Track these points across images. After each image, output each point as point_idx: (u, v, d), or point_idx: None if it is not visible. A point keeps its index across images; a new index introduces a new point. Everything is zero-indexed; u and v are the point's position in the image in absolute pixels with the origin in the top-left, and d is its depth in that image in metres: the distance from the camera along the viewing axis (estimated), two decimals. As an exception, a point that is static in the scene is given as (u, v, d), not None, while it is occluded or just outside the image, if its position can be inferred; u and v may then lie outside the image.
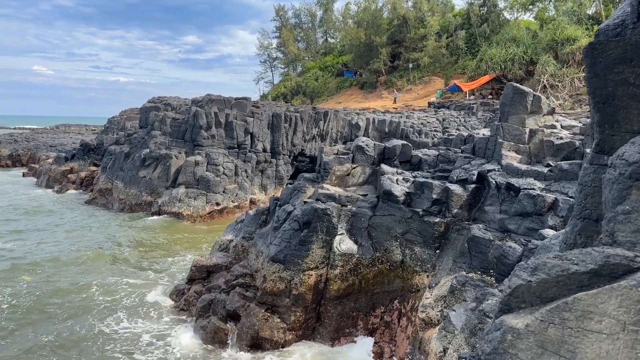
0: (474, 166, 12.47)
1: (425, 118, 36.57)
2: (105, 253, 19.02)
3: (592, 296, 2.49)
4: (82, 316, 13.00)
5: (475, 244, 10.27)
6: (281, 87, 69.26)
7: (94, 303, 13.95)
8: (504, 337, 2.66)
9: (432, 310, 10.06)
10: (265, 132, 29.89)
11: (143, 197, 26.51)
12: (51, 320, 12.73)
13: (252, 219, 15.54)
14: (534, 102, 12.94)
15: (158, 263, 18.00)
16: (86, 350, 11.22)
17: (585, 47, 4.05)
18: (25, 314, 13.09)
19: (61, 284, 15.32)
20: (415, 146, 23.61)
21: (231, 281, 12.79)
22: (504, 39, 45.29)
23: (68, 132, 72.06)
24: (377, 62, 55.16)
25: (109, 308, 13.61)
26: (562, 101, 35.65)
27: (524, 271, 2.83)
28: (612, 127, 3.77)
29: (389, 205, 12.47)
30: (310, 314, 11.75)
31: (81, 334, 11.95)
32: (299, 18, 76.78)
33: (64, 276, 16.05)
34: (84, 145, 38.58)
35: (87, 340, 11.69)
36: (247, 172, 28.47)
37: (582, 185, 3.85)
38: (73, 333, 12.02)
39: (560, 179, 10.54)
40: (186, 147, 27.78)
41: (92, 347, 11.37)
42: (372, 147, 14.83)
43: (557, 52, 40.61)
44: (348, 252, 11.98)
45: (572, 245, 3.76)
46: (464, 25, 54.45)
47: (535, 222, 9.86)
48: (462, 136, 15.04)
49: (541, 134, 12.40)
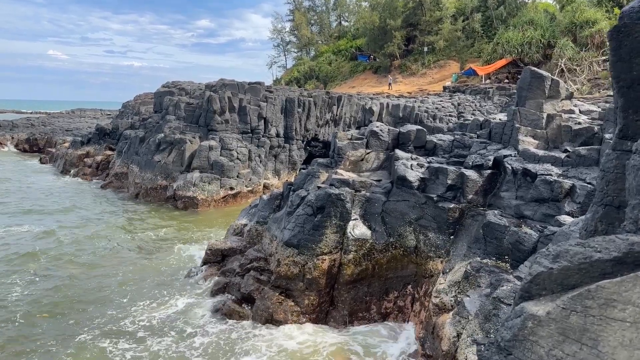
0: (490, 151, 12.33)
1: (440, 103, 36.15)
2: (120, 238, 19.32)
3: (615, 284, 2.46)
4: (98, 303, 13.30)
5: (491, 230, 10.20)
6: (294, 71, 68.88)
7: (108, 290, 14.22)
8: (525, 324, 2.65)
9: (445, 296, 10.07)
10: (278, 117, 29.84)
11: (158, 181, 26.75)
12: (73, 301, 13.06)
13: (266, 204, 15.62)
14: (552, 87, 12.71)
15: (170, 248, 18.24)
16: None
17: (609, 30, 3.94)
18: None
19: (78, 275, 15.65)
20: (430, 131, 23.38)
21: (246, 265, 12.93)
22: (521, 22, 44.38)
23: (83, 117, 72.76)
24: (391, 46, 54.47)
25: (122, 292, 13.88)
26: (580, 85, 34.94)
27: (545, 258, 2.80)
28: (636, 112, 3.68)
29: (403, 191, 12.43)
30: (323, 298, 11.84)
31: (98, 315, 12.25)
32: (312, 1, 76.03)
33: (79, 269, 16.29)
34: (99, 129, 38.93)
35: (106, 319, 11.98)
36: (261, 157, 28.53)
37: (604, 172, 3.79)
38: (95, 317, 12.32)
39: (578, 164, 10.39)
40: (200, 131, 27.89)
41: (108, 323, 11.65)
42: (386, 132, 14.73)
43: (575, 35, 39.69)
44: (362, 237, 12.00)
45: (592, 233, 3.71)
46: (480, 7, 53.38)
47: (552, 208, 9.75)
48: (478, 121, 14.86)
49: (559, 119, 12.20)
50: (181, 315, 12.19)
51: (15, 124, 58.04)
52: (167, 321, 11.92)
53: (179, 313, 12.34)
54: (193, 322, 11.84)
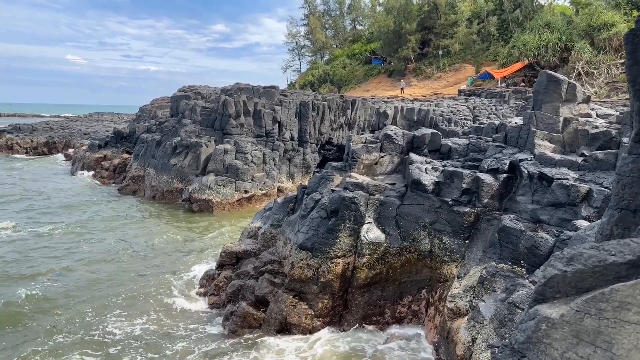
0: (506, 155, 12.25)
1: (455, 106, 35.96)
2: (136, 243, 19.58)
3: (630, 287, 2.45)
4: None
5: (506, 234, 10.12)
6: (309, 75, 69.14)
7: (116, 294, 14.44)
8: (538, 326, 2.65)
9: (460, 301, 10.01)
10: (292, 120, 29.98)
11: (174, 185, 27.07)
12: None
13: (280, 207, 15.70)
14: (569, 90, 12.59)
15: (185, 250, 18.43)
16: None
17: (625, 33, 3.93)
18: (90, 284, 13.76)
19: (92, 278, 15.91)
20: (445, 135, 23.29)
21: (260, 267, 13.00)
22: (538, 25, 43.93)
23: (101, 120, 73.99)
24: (405, 50, 54.37)
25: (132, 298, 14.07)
26: (597, 89, 34.47)
27: (559, 261, 2.80)
28: (653, 116, 3.67)
29: (418, 195, 12.40)
30: (337, 302, 11.86)
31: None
32: (327, 5, 76.33)
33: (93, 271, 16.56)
34: (116, 133, 39.54)
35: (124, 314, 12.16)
36: (275, 160, 28.69)
37: (620, 175, 3.77)
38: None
39: (595, 169, 10.27)
40: (215, 135, 28.16)
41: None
42: (400, 135, 14.72)
43: (593, 38, 39.17)
44: (376, 240, 11.99)
45: (608, 236, 3.69)
46: (496, 11, 53.04)
47: (569, 212, 9.65)
48: (493, 125, 14.77)
49: (576, 122, 12.07)
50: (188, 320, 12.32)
51: (35, 127, 59.23)
52: (175, 327, 12.06)
53: (187, 317, 12.48)
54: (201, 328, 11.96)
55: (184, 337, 11.45)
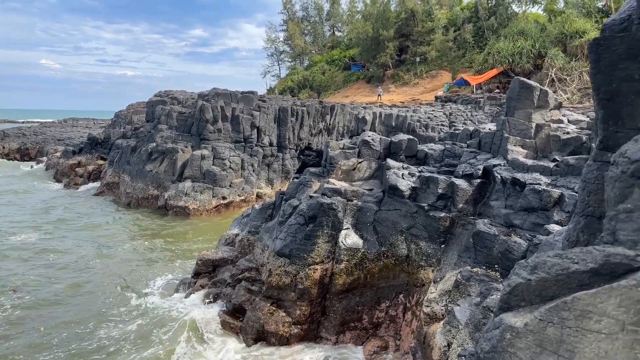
0: (480, 161, 12.40)
1: (432, 112, 36.40)
2: (113, 249, 19.19)
3: (591, 295, 2.48)
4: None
5: (480, 238, 10.23)
6: (288, 80, 69.16)
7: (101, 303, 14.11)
8: (503, 335, 2.66)
9: (436, 305, 10.07)
10: (271, 126, 29.90)
11: (150, 191, 26.66)
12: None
13: (257, 213, 15.59)
14: (541, 97, 12.83)
15: (165, 258, 18.14)
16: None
17: (589, 43, 4.01)
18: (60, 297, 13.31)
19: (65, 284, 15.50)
20: (422, 140, 23.52)
21: (237, 275, 12.88)
22: (512, 32, 44.90)
23: (76, 126, 72.53)
24: (384, 56, 54.88)
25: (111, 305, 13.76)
26: (570, 95, 35.34)
27: (523, 269, 2.82)
28: (616, 124, 3.74)
29: (395, 200, 12.46)
30: (315, 308, 11.80)
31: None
32: (306, 11, 76.51)
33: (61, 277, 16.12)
34: (91, 139, 38.82)
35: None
36: (254, 166, 28.54)
37: (585, 182, 3.83)
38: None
39: (567, 174, 10.46)
40: (192, 141, 27.87)
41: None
42: (378, 141, 14.79)
43: (565, 45, 40.22)
44: (354, 246, 11.99)
45: (574, 243, 3.74)
46: (471, 18, 54.01)
47: (541, 217, 9.81)
48: (468, 131, 14.97)
49: (548, 128, 12.31)
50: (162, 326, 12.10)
51: (7, 133, 57.73)
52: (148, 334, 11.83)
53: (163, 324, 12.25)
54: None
55: (156, 343, 11.23)
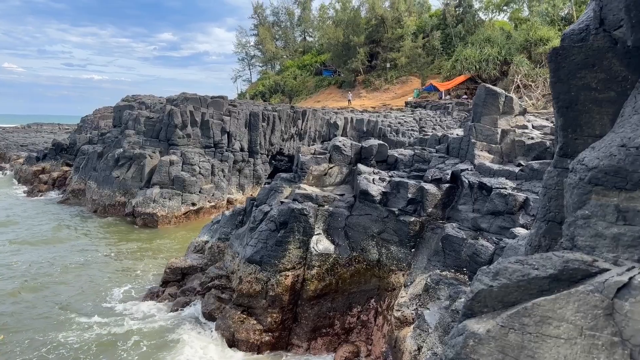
0: (448, 166, 12.61)
1: (402, 117, 36.86)
2: (79, 258, 18.61)
3: (550, 301, 2.53)
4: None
5: (449, 242, 10.39)
6: (259, 85, 68.92)
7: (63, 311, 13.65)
8: (466, 342, 2.69)
9: (407, 309, 10.14)
10: (242, 131, 29.67)
11: (116, 198, 26.02)
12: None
13: (228, 220, 15.42)
14: (506, 103, 13.16)
15: (131, 267, 17.70)
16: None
17: (549, 52, 4.12)
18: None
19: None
20: (393, 145, 23.77)
21: (206, 283, 12.68)
22: (479, 40, 45.99)
23: (40, 131, 70.19)
24: (355, 62, 55.35)
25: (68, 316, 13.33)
26: (535, 101, 36.36)
27: (485, 276, 2.86)
28: (574, 131, 3.85)
29: (366, 205, 12.52)
30: (286, 315, 11.71)
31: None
32: (277, 16, 76.55)
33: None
34: (56, 144, 37.70)
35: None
36: (224, 171, 28.22)
37: (546, 188, 3.92)
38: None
39: (531, 178, 10.74)
40: (161, 146, 27.37)
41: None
42: (348, 146, 14.86)
43: (530, 52, 41.43)
44: (325, 252, 11.98)
45: (536, 248, 3.82)
46: (440, 25, 55.04)
47: (507, 220, 10.02)
48: (436, 136, 15.21)
49: (513, 134, 12.62)
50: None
51: (-34, 139, 55.41)
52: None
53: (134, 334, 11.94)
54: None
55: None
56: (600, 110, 3.79)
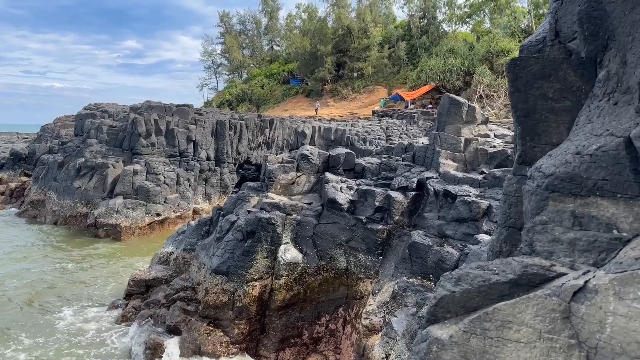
0: (414, 174, 12.79)
1: (369, 126, 37.26)
2: (37, 272, 17.86)
3: (510, 306, 2.58)
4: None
5: (416, 249, 10.50)
6: (226, 94, 68.36)
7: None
8: (430, 348, 2.71)
9: (375, 317, 10.17)
10: (209, 140, 29.31)
11: (78, 209, 25.19)
12: None
13: (193, 230, 15.14)
14: (469, 112, 13.48)
15: (92, 280, 17.11)
16: None
17: (507, 63, 4.24)
18: None
19: None
20: (360, 154, 23.95)
21: (171, 295, 12.38)
22: (443, 51, 47.11)
23: (-4, 140, 67.31)
24: (322, 71, 55.71)
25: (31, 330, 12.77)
26: (497, 110, 37.46)
27: (448, 282, 2.90)
28: (532, 139, 3.96)
29: (334, 213, 12.54)
30: (254, 326, 11.56)
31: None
32: (243, 25, 76.30)
33: None
34: (14, 154, 36.27)
35: None
36: (190, 181, 27.77)
37: (506, 195, 4.02)
38: None
39: (494, 185, 11.00)
40: (124, 155, 26.71)
41: None
42: (316, 155, 14.88)
43: (492, 63, 42.74)
44: (293, 261, 11.91)
45: (498, 253, 3.91)
46: (405, 36, 56.11)
47: (471, 227, 10.22)
48: (402, 145, 15.42)
49: (475, 142, 12.93)
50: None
51: None
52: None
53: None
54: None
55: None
56: (557, 119, 3.92)
